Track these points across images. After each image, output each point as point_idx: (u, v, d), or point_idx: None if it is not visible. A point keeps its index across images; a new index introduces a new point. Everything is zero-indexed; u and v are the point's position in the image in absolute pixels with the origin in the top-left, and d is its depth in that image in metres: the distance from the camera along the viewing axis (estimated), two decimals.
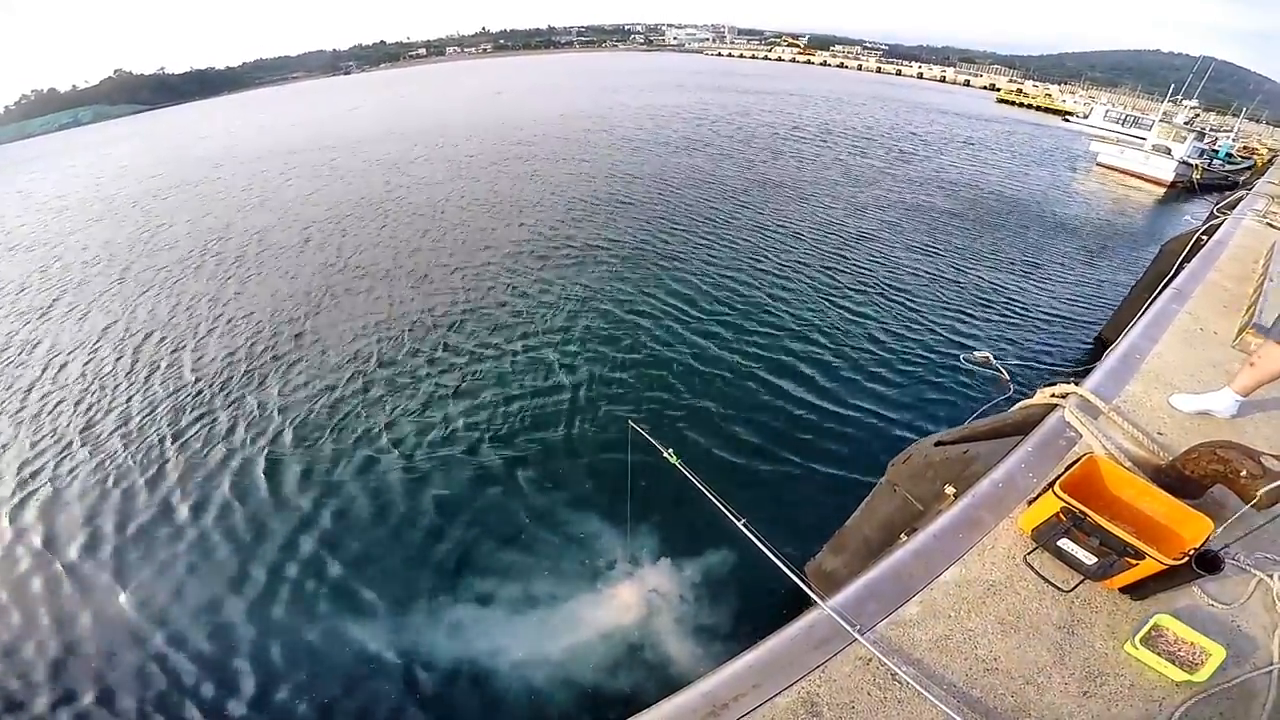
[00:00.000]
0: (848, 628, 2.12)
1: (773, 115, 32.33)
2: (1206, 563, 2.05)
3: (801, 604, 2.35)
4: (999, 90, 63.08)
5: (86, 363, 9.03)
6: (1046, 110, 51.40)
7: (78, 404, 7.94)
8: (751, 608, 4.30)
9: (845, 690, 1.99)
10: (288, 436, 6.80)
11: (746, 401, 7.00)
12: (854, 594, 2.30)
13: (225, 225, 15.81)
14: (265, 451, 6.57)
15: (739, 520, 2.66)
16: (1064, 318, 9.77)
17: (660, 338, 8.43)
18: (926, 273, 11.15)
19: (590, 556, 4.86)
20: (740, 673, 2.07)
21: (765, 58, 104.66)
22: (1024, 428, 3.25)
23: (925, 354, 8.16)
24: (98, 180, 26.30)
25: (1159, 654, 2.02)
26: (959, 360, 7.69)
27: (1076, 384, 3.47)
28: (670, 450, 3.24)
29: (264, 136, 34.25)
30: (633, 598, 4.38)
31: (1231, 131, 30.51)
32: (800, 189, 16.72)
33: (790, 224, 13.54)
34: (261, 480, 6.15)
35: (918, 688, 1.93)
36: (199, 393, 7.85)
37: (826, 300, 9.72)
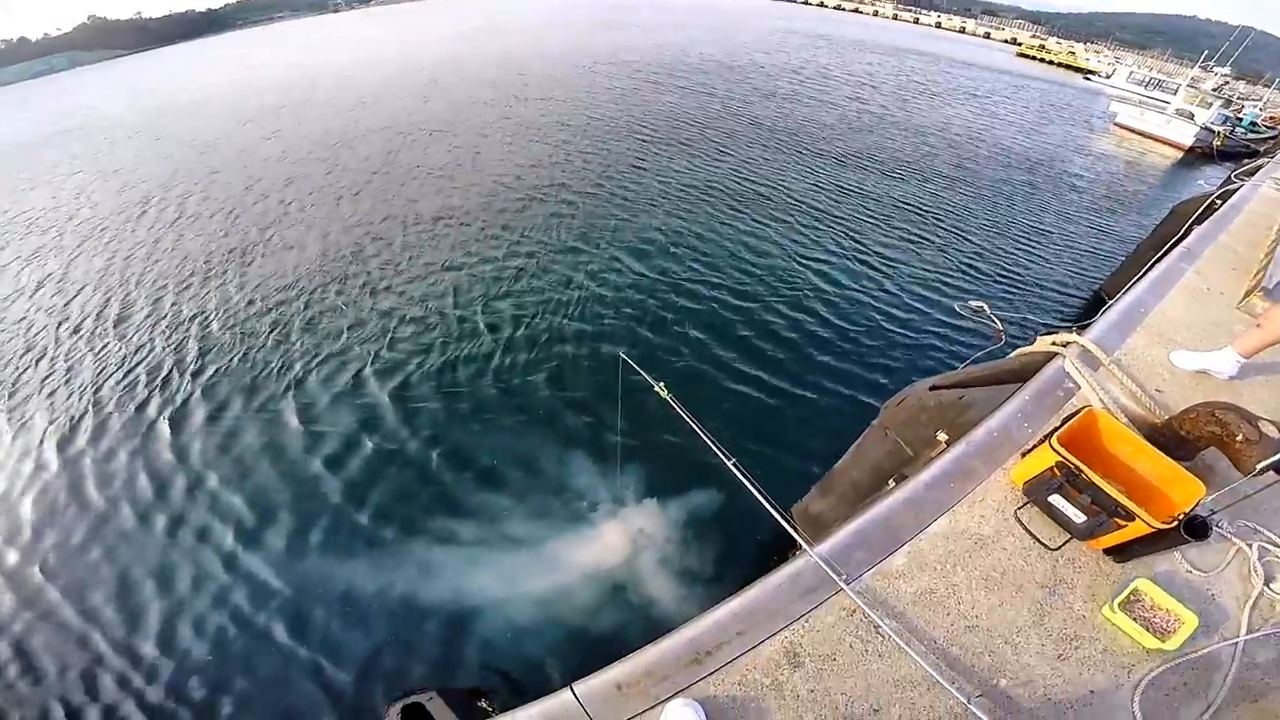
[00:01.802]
0: (834, 577, 2.12)
1: (769, 56, 31.08)
2: (1194, 529, 2.04)
3: (788, 546, 2.34)
4: (1020, 45, 60.58)
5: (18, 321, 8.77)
6: (1068, 68, 49.52)
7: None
8: (738, 549, 4.35)
9: (828, 641, 2.00)
10: (257, 378, 6.74)
11: (740, 339, 6.98)
12: (842, 541, 2.29)
13: (174, 171, 15.28)
14: (228, 396, 6.52)
15: (729, 460, 2.62)
16: (1064, 272, 9.69)
17: (653, 279, 8.31)
18: (927, 221, 10.99)
19: (575, 495, 4.88)
20: (724, 620, 2.08)
21: None
22: (1022, 375, 3.18)
23: (921, 300, 8.13)
24: (65, 129, 25.26)
25: (1134, 619, 2.03)
26: (954, 308, 7.64)
27: (1078, 334, 3.39)
28: (662, 384, 3.17)
29: (236, 80, 32.64)
30: (618, 538, 4.40)
31: (1260, 101, 29.50)
32: (797, 134, 16.15)
33: (785, 169, 13.17)
34: (235, 416, 6.15)
35: (899, 642, 1.94)
36: (141, 342, 7.70)
37: (824, 244, 9.58)
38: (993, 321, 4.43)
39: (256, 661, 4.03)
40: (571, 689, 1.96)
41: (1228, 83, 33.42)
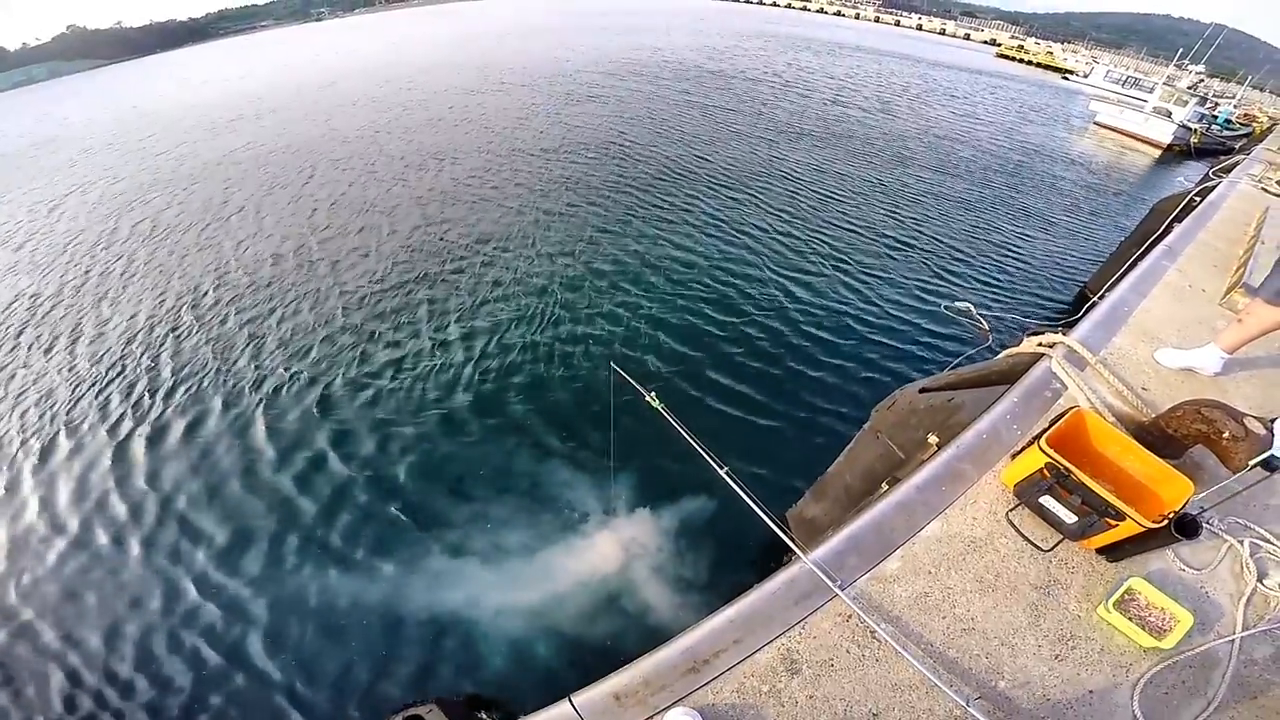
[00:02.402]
0: (828, 583, 2.11)
1: (749, 60, 31.34)
2: (1184, 527, 2.05)
3: (782, 552, 2.34)
4: (999, 46, 61.64)
5: None
6: (1047, 68, 50.47)
7: None
8: (732, 556, 4.35)
9: (824, 647, 1.99)
10: (234, 395, 6.65)
11: (727, 348, 6.99)
12: (835, 547, 2.29)
13: (149, 183, 15.10)
14: (214, 408, 6.44)
15: (722, 469, 2.62)
16: (1048, 271, 9.83)
17: (641, 284, 8.31)
18: (909, 225, 11.08)
19: (568, 504, 4.86)
20: (721, 628, 2.07)
21: (760, 2, 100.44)
22: (1010, 376, 3.21)
23: (907, 303, 8.18)
24: (38, 141, 24.89)
25: (1130, 618, 2.04)
26: (940, 309, 7.71)
27: (1064, 334, 3.43)
28: (653, 393, 3.17)
29: (213, 90, 32.27)
30: (612, 546, 4.39)
31: (1234, 98, 30.17)
32: (776, 141, 16.19)
33: (767, 177, 13.22)
34: (214, 433, 6.06)
35: (895, 646, 1.94)
36: (113, 360, 7.57)
37: (807, 249, 9.62)
38: (979, 322, 4.48)
39: (254, 677, 3.97)
40: (570, 700, 1.94)
41: (1202, 80, 34.14)
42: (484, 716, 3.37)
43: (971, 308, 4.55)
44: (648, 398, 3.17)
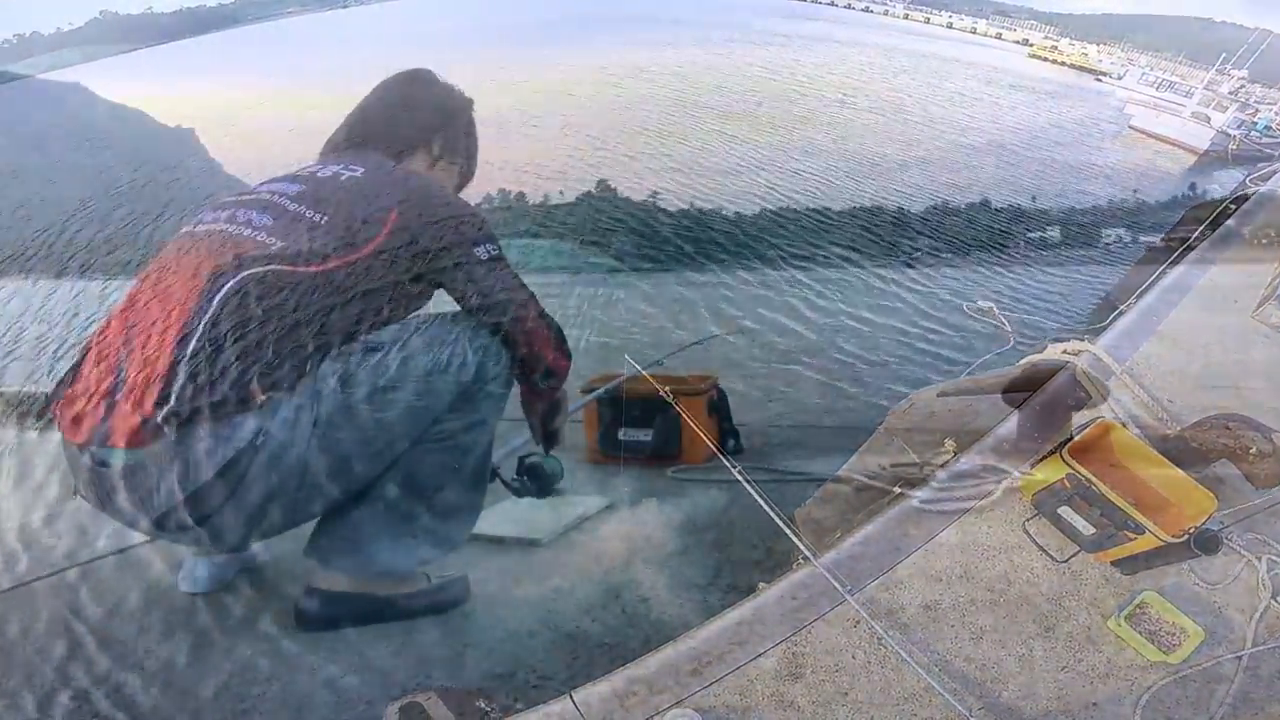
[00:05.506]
0: (838, 587, 2.09)
1: (755, 52, 31.03)
2: (1205, 543, 2.02)
3: (789, 553, 2.33)
4: (1032, 46, 60.36)
5: None
6: (1080, 69, 49.36)
7: None
8: (739, 556, 4.30)
9: (830, 653, 1.97)
10: None
11: (739, 343, 6.87)
12: (846, 551, 2.27)
13: (91, 187, 15.16)
14: None
15: (734, 466, 2.63)
16: (1074, 276, 9.63)
17: (650, 277, 8.27)
18: (927, 220, 10.92)
19: (570, 493, 4.83)
20: (725, 629, 2.06)
21: None
22: (1032, 384, 3.15)
23: (926, 303, 8.01)
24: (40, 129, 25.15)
25: (1140, 632, 2.00)
26: (961, 309, 7.56)
27: (1090, 341, 3.37)
28: (666, 388, 3.18)
29: (218, 78, 32.46)
30: (615, 540, 4.38)
31: (1276, 105, 29.28)
32: (789, 142, 16.04)
33: (784, 168, 13.14)
34: None
35: (902, 654, 1.91)
36: None
37: (820, 241, 9.53)
38: (1002, 323, 4.40)
39: (248, 659, 4.02)
40: (570, 696, 1.94)
41: (1244, 86, 33.13)
42: (484, 706, 3.39)
43: (994, 308, 4.47)
44: (661, 392, 3.17)
